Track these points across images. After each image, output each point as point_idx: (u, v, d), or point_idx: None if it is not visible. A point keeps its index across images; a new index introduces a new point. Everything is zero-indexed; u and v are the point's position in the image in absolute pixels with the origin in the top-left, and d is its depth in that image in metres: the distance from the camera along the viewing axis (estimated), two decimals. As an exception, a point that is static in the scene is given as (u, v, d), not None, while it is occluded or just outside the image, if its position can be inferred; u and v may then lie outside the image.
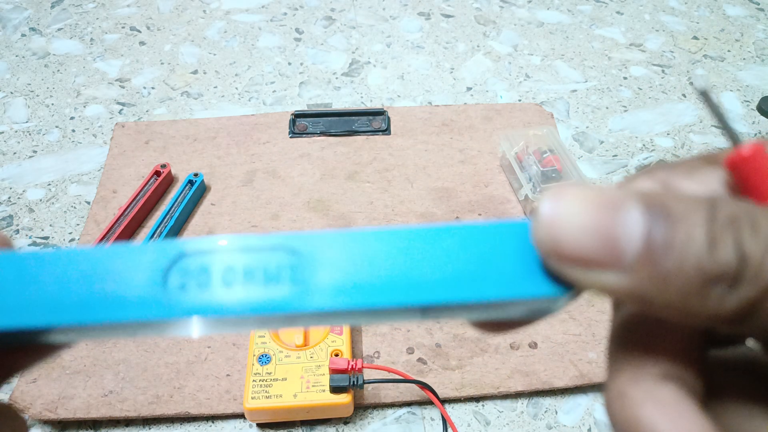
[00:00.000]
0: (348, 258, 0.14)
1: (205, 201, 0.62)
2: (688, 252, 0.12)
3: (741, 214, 0.12)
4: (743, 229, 0.12)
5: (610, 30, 0.88)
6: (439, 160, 0.66)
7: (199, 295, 0.14)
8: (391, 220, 0.60)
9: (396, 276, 0.14)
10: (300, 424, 0.47)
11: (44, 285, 0.14)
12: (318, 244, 0.15)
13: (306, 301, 0.14)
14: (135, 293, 0.14)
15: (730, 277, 0.12)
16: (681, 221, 0.12)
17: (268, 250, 0.15)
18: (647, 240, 0.12)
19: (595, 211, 0.13)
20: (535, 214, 0.14)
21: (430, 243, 0.14)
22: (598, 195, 0.13)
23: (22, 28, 0.85)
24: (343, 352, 0.47)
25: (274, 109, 0.74)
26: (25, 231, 0.59)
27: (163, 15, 0.88)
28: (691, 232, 0.12)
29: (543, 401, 0.49)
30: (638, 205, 0.13)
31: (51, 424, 0.46)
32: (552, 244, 0.13)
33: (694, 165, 0.15)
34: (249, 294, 0.14)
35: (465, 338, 0.51)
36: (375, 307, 0.14)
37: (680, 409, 0.13)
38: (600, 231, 0.13)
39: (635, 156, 0.69)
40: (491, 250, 0.14)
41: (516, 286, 0.14)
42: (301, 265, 0.14)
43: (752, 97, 0.77)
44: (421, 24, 0.88)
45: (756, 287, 0.12)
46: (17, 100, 0.74)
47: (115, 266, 0.14)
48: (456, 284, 0.14)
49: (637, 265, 0.13)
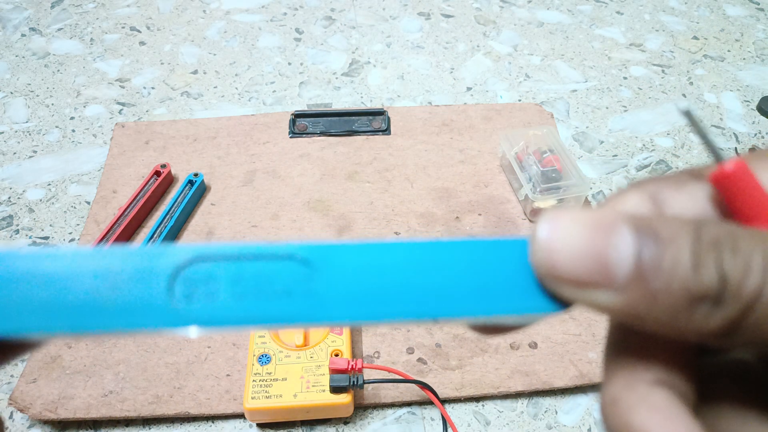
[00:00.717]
0: (358, 271, 0.15)
1: (205, 201, 0.62)
2: (675, 273, 0.13)
3: (723, 237, 0.13)
4: (724, 250, 0.13)
5: (610, 30, 0.88)
6: (439, 160, 0.66)
7: (207, 305, 0.14)
8: (391, 221, 0.60)
9: (403, 289, 0.15)
10: (300, 424, 0.47)
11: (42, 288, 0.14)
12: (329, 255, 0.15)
13: (316, 314, 0.14)
14: (140, 300, 0.14)
15: (713, 297, 0.13)
16: (668, 244, 0.13)
17: (278, 259, 0.15)
18: (637, 261, 0.13)
19: (588, 235, 0.14)
20: (532, 237, 0.15)
21: (436, 257, 0.15)
22: (590, 219, 0.14)
23: (22, 28, 0.85)
24: (343, 352, 0.47)
25: (274, 109, 0.74)
26: (25, 231, 0.59)
27: (163, 15, 0.88)
28: (678, 254, 0.13)
29: (543, 401, 0.49)
30: (628, 229, 0.14)
31: (51, 424, 0.46)
32: (548, 266, 0.14)
33: (681, 179, 0.16)
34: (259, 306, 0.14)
35: (465, 338, 0.51)
36: (381, 320, 0.14)
37: (672, 414, 0.14)
38: (593, 253, 0.14)
39: (635, 156, 0.69)
40: (492, 266, 0.15)
41: (515, 303, 0.15)
42: (312, 276, 0.14)
43: (752, 97, 0.77)
44: (421, 24, 0.88)
45: (737, 306, 0.13)
46: (17, 100, 0.74)
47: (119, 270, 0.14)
48: (459, 299, 0.15)
49: (628, 285, 0.13)
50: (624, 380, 0.14)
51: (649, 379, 0.14)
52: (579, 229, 0.14)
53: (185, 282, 0.14)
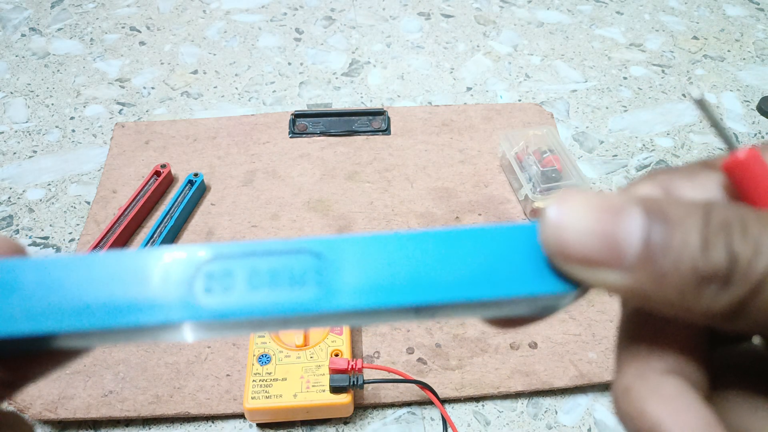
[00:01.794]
0: (369, 260, 0.15)
1: (205, 201, 0.62)
2: (684, 253, 0.13)
3: (733, 218, 0.13)
4: (734, 232, 0.13)
5: (610, 30, 0.88)
6: (439, 160, 0.66)
7: (226, 297, 0.14)
8: (391, 221, 0.60)
9: (415, 276, 0.15)
10: (300, 424, 0.47)
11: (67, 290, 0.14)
12: (340, 247, 0.15)
13: (330, 302, 0.15)
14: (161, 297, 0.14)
15: (721, 277, 0.13)
16: (678, 225, 0.13)
17: (291, 253, 0.15)
18: (646, 242, 0.13)
19: (598, 215, 0.14)
20: (542, 216, 0.15)
21: (446, 244, 0.15)
22: (601, 200, 0.14)
23: (22, 28, 0.85)
24: (343, 352, 0.47)
25: (274, 109, 0.74)
26: (25, 231, 0.59)
27: (163, 15, 0.88)
28: (687, 236, 0.13)
29: (543, 401, 0.49)
30: (638, 210, 0.14)
31: (51, 424, 0.46)
32: (558, 245, 0.14)
33: (693, 169, 0.16)
34: (275, 296, 0.15)
35: (465, 338, 0.51)
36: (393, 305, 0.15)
37: (684, 402, 0.14)
38: (602, 233, 0.14)
39: (635, 156, 0.69)
40: (503, 250, 0.15)
41: (526, 284, 0.15)
42: (325, 267, 0.15)
43: (752, 97, 0.77)
44: (421, 24, 0.88)
45: (745, 286, 0.13)
46: (17, 100, 0.74)
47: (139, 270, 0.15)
48: (471, 283, 0.15)
49: (637, 265, 0.13)
50: (636, 369, 0.15)
51: (661, 368, 0.14)
52: (589, 209, 0.14)
53: (205, 278, 0.15)
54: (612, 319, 0.52)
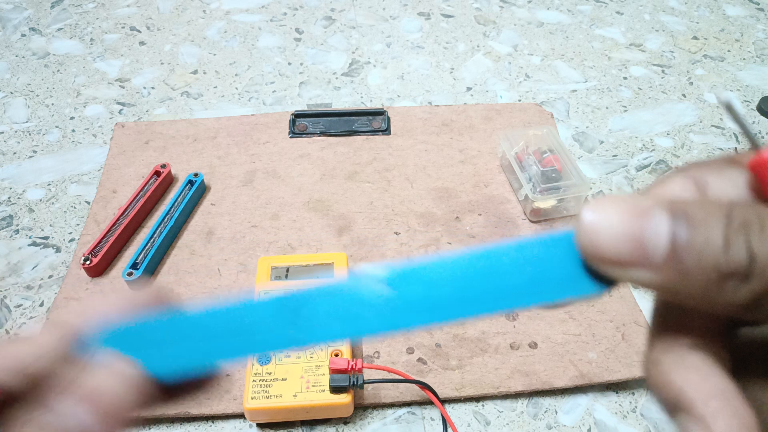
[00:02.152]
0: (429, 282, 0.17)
1: (205, 201, 0.62)
2: (707, 252, 0.14)
3: (752, 218, 0.14)
4: (753, 231, 0.14)
5: (610, 30, 0.88)
6: (439, 160, 0.66)
7: None
8: (391, 221, 0.60)
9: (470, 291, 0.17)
10: (300, 424, 0.47)
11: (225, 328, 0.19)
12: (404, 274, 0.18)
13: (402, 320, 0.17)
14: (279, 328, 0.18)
15: (741, 273, 0.14)
16: (701, 226, 0.15)
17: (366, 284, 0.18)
18: (672, 243, 0.15)
19: (627, 219, 0.15)
20: (578, 222, 0.16)
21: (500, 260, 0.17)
22: (630, 204, 0.16)
23: (22, 28, 0.85)
24: (343, 352, 0.47)
25: (274, 109, 0.74)
26: (25, 231, 0.59)
27: (163, 15, 0.88)
28: (709, 236, 0.14)
29: (543, 401, 0.49)
30: (664, 213, 0.15)
31: (51, 424, 0.46)
32: (593, 249, 0.16)
33: (721, 165, 0.17)
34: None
35: (465, 338, 0.51)
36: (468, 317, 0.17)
37: (706, 372, 0.15)
38: (632, 236, 0.15)
39: (635, 156, 0.69)
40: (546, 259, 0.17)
41: (567, 289, 0.17)
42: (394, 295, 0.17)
43: (752, 97, 0.77)
44: (421, 24, 0.88)
45: (763, 281, 0.14)
46: (17, 100, 0.74)
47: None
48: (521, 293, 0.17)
49: (664, 264, 0.15)
50: (665, 345, 0.16)
51: (687, 343, 0.16)
52: (620, 214, 0.15)
53: None
54: (612, 319, 0.52)
